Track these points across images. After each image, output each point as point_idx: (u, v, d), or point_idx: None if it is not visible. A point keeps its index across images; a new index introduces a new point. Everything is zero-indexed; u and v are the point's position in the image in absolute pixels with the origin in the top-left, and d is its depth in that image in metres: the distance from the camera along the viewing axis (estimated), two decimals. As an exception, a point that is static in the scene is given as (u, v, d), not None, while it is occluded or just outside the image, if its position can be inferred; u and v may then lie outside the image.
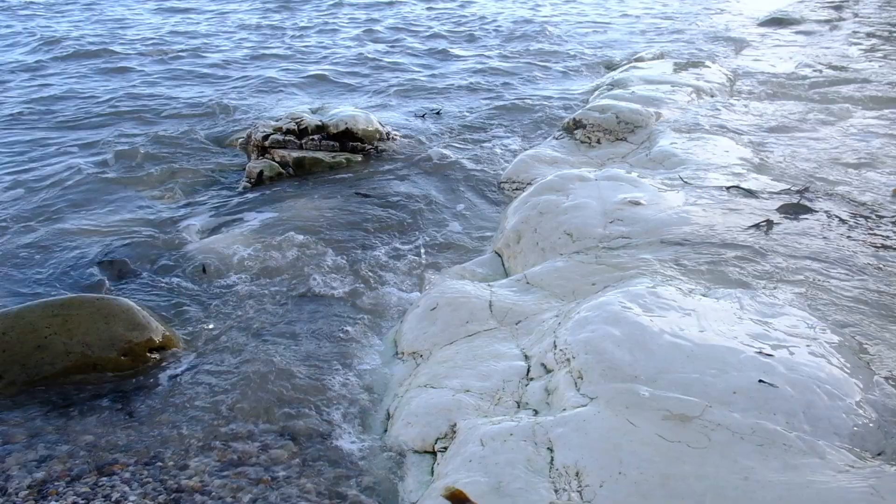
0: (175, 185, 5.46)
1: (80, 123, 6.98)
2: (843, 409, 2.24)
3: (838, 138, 5.39)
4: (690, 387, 2.32)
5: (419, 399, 2.73)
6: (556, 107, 7.60)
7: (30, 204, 5.09)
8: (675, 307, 2.82)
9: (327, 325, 3.58)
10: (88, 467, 2.55)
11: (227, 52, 10.33)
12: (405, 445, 2.59)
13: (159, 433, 2.77)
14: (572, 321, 2.84)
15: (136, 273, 4.08)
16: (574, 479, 2.06)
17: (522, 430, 2.30)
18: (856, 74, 7.62)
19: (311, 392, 3.03)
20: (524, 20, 13.13)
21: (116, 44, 10.72)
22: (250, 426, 2.80)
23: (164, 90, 8.20)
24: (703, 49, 9.91)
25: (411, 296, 3.87)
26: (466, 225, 4.83)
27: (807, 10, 12.83)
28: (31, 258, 4.26)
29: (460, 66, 9.70)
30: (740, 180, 4.41)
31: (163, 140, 6.40)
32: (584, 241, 3.73)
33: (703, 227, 3.70)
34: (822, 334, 2.65)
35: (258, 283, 3.97)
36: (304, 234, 4.53)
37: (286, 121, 6.08)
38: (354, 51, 10.48)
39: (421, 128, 6.88)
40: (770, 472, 2.00)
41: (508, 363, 2.83)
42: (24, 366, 2.96)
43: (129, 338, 3.14)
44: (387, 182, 5.55)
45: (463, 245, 4.53)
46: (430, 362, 3.02)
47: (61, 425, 2.80)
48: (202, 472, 2.54)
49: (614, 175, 4.53)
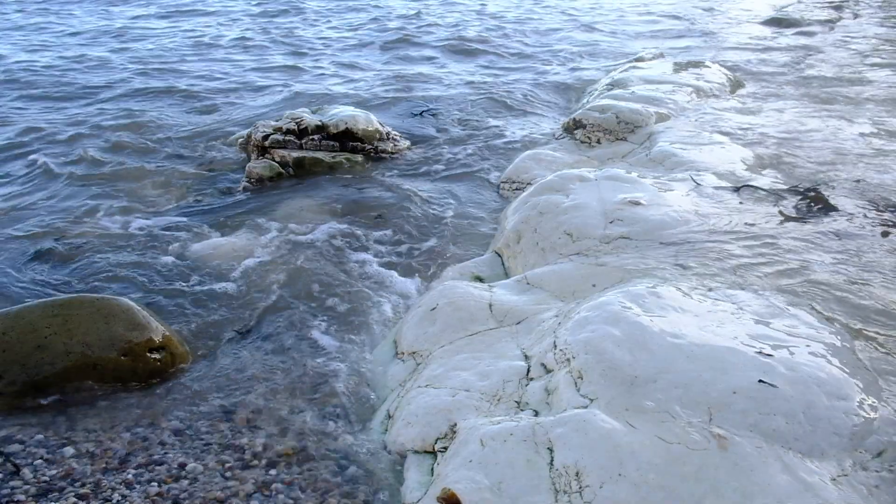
0: (175, 185, 5.46)
1: (77, 120, 6.98)
2: (842, 410, 2.24)
3: (839, 137, 5.39)
4: (690, 387, 2.32)
5: (419, 399, 2.73)
6: (557, 106, 7.59)
7: (25, 200, 5.09)
8: (675, 307, 2.82)
9: (326, 327, 3.58)
10: (89, 468, 2.55)
11: (226, 52, 10.33)
12: (405, 445, 2.59)
13: (160, 434, 2.77)
14: (572, 321, 2.84)
15: (136, 273, 4.08)
16: (574, 480, 2.06)
17: (522, 431, 2.30)
18: (856, 74, 7.63)
19: (310, 393, 3.03)
20: (519, 20, 13.13)
21: (117, 40, 10.73)
22: (250, 427, 2.81)
23: (164, 90, 8.20)
24: (704, 49, 9.92)
25: (411, 296, 3.88)
26: (466, 225, 4.83)
27: (807, 10, 12.83)
28: (29, 257, 4.26)
29: (461, 64, 9.70)
30: (740, 179, 4.41)
31: (162, 140, 6.40)
32: (585, 242, 3.73)
33: (704, 226, 3.70)
34: (822, 334, 2.65)
35: (257, 284, 3.97)
36: (304, 235, 4.53)
37: (286, 121, 6.08)
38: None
39: (420, 127, 6.88)
40: (770, 474, 2.00)
41: (508, 363, 2.84)
42: (24, 366, 2.95)
43: (129, 338, 3.14)
44: (387, 182, 5.55)
45: (463, 245, 4.53)
46: (430, 362, 3.02)
47: (61, 426, 2.80)
48: (202, 473, 2.54)
49: (614, 175, 4.53)
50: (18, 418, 2.83)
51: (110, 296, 3.39)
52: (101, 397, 2.99)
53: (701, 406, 2.25)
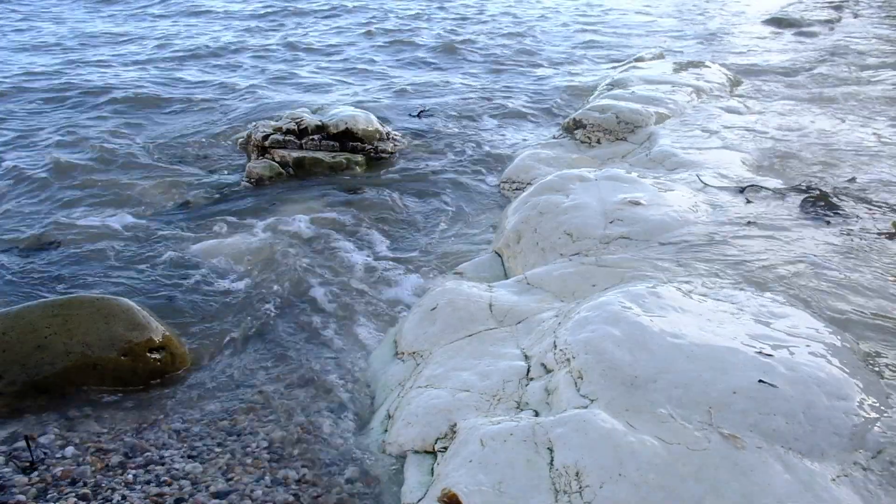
0: (174, 185, 5.46)
1: (73, 122, 6.98)
2: (842, 410, 2.23)
3: (840, 137, 5.39)
4: (690, 387, 2.32)
5: (419, 399, 2.72)
6: (557, 106, 7.59)
7: (26, 200, 5.09)
8: (675, 307, 2.82)
9: (326, 327, 3.58)
10: (89, 468, 2.55)
11: (225, 51, 10.33)
12: (405, 446, 2.59)
13: (160, 435, 2.77)
14: (572, 321, 2.84)
15: (136, 273, 4.08)
16: (574, 480, 2.06)
17: (522, 431, 2.30)
18: (857, 74, 7.62)
19: (310, 393, 3.03)
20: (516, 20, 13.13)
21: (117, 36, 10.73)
22: (250, 428, 2.80)
23: (163, 90, 8.20)
24: (704, 48, 9.91)
25: (411, 296, 3.88)
26: (466, 225, 4.83)
27: (807, 10, 12.83)
28: (28, 257, 4.25)
29: (460, 64, 9.70)
30: (741, 179, 4.41)
31: (162, 139, 6.40)
32: (585, 242, 3.73)
33: (704, 226, 3.70)
34: (822, 334, 2.65)
35: (257, 285, 3.97)
36: (304, 236, 4.53)
37: (286, 121, 6.08)
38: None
39: (420, 127, 6.88)
40: (770, 474, 2.00)
41: (508, 363, 2.83)
42: (24, 366, 2.95)
43: (129, 338, 3.14)
44: (387, 182, 5.55)
45: (463, 245, 4.53)
46: (430, 362, 3.02)
47: (61, 426, 2.80)
48: (202, 473, 2.54)
49: (614, 175, 4.53)
50: (18, 419, 2.83)
51: (110, 296, 3.39)
52: (101, 398, 2.99)
53: (701, 406, 2.25)
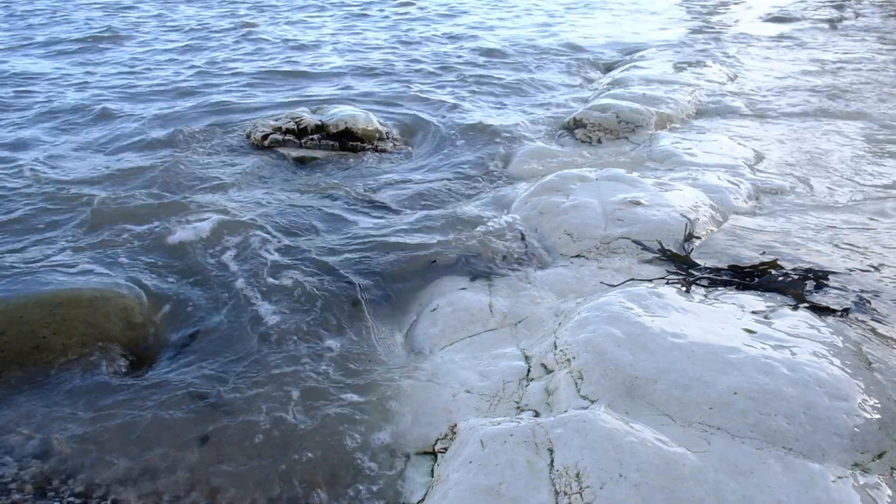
0: (173, 182, 5.45)
1: (72, 122, 6.98)
2: (843, 410, 2.23)
3: (840, 137, 5.38)
4: (690, 387, 2.32)
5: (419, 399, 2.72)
6: (557, 105, 7.58)
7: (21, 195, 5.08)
8: (675, 307, 2.81)
9: (325, 325, 3.57)
10: (87, 466, 2.54)
11: (224, 53, 10.33)
12: (405, 446, 2.59)
13: (159, 433, 2.76)
14: (573, 321, 2.83)
15: (134, 272, 4.07)
16: (574, 481, 2.05)
17: (523, 431, 2.29)
18: (857, 74, 7.61)
19: (308, 392, 3.02)
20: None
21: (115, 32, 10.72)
22: (247, 420, 2.80)
23: (162, 90, 8.19)
24: (704, 48, 9.90)
25: (411, 296, 3.86)
26: (466, 225, 4.82)
27: (808, 9, 12.82)
28: (25, 244, 4.25)
29: (459, 64, 9.70)
30: (741, 178, 4.40)
31: (161, 138, 6.39)
32: (585, 241, 3.72)
33: (704, 226, 3.69)
34: (823, 334, 2.64)
35: (257, 283, 3.96)
36: (303, 236, 4.52)
37: (286, 120, 6.08)
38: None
39: (419, 127, 6.87)
40: (770, 475, 1.99)
41: (508, 363, 2.83)
42: (22, 365, 2.95)
43: (127, 333, 3.13)
44: (386, 182, 5.54)
45: (463, 245, 4.51)
46: (430, 363, 3.01)
47: (60, 425, 2.80)
48: (201, 472, 2.53)
49: (615, 175, 4.52)
50: (16, 415, 2.82)
51: (109, 290, 3.38)
52: (98, 394, 2.98)
53: (702, 406, 2.25)
